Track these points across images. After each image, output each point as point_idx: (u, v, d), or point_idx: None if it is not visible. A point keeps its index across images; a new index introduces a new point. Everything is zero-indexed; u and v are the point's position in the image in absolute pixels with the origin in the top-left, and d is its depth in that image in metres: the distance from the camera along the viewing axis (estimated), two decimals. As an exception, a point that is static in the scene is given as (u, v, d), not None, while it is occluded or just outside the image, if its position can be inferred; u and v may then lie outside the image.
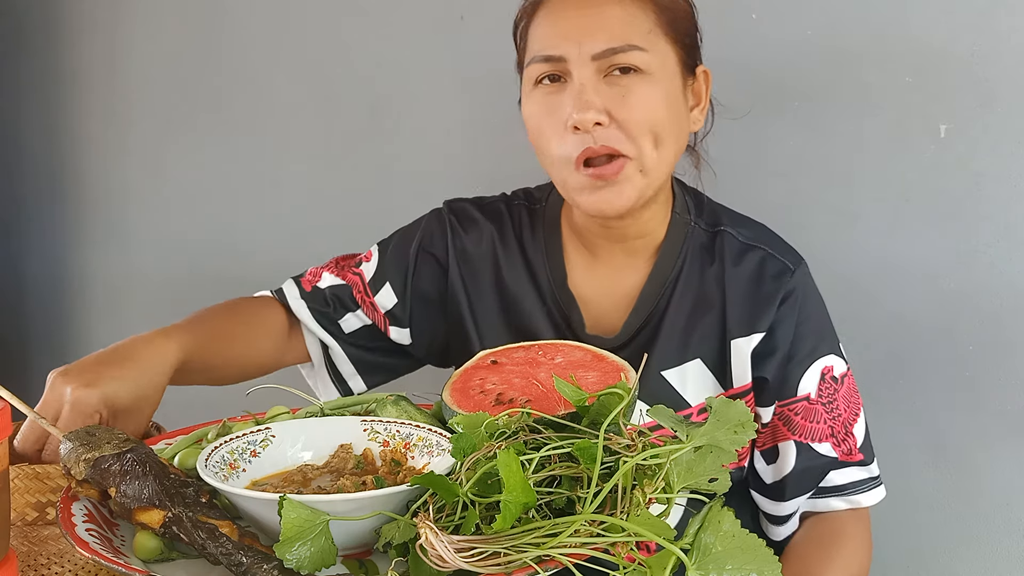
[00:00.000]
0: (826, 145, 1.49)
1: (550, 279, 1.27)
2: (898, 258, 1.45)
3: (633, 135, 1.11)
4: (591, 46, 1.11)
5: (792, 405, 1.20)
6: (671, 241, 1.24)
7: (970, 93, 1.37)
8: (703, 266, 1.23)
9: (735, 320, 1.19)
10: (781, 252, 1.22)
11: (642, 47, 1.11)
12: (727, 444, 0.82)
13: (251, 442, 0.94)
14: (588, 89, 1.11)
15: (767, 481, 1.23)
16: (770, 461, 1.22)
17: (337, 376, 1.38)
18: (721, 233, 1.24)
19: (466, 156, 1.88)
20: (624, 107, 1.11)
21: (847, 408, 1.21)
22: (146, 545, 0.83)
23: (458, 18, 1.84)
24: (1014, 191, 1.36)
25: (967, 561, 1.45)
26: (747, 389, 1.20)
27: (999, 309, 1.38)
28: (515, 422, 0.83)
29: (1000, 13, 1.35)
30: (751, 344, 1.18)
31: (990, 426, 1.41)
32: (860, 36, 1.45)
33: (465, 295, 1.30)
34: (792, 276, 1.20)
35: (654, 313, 1.22)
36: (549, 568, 0.71)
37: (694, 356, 1.20)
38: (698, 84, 1.20)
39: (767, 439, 1.22)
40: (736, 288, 1.20)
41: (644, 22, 1.13)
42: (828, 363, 1.20)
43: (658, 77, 1.13)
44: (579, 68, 1.12)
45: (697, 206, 1.27)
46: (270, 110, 2.17)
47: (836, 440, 1.20)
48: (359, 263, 1.36)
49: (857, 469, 1.21)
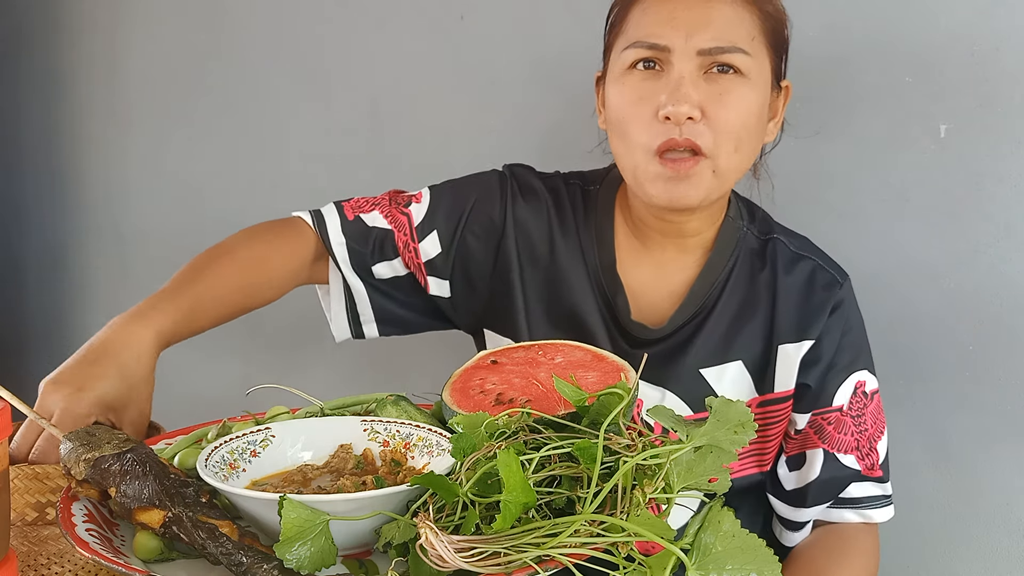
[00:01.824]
0: (826, 145, 1.49)
1: (598, 261, 1.26)
2: (898, 258, 1.45)
3: (719, 135, 1.11)
4: (699, 40, 1.11)
5: (826, 415, 1.21)
6: (723, 242, 1.25)
7: (970, 93, 1.37)
8: (753, 270, 1.24)
9: (785, 326, 1.21)
10: (829, 265, 1.25)
11: (746, 51, 1.12)
12: (727, 444, 0.82)
13: (251, 442, 0.94)
14: (687, 83, 1.11)
15: (788, 488, 1.24)
16: (793, 468, 1.24)
17: (353, 314, 1.34)
18: (773, 240, 1.25)
19: (466, 156, 1.88)
20: (719, 106, 1.11)
21: (874, 424, 1.22)
22: (146, 545, 0.83)
23: (458, 18, 1.84)
24: (1014, 191, 1.36)
25: (967, 561, 1.45)
26: (788, 395, 1.21)
27: (999, 309, 1.38)
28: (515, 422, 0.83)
29: (1000, 13, 1.35)
30: (801, 351, 1.20)
31: (990, 426, 1.41)
32: (860, 36, 1.45)
33: (518, 263, 1.28)
34: (841, 288, 1.23)
35: (701, 310, 1.23)
36: (549, 568, 0.71)
37: (736, 358, 1.21)
38: (779, 98, 1.22)
39: (797, 446, 1.23)
40: (787, 294, 1.22)
41: (751, 27, 1.13)
42: (862, 378, 1.23)
43: (755, 83, 1.13)
44: (682, 60, 1.11)
45: (750, 213, 1.29)
46: (270, 110, 2.17)
47: (860, 454, 1.21)
48: (408, 203, 1.31)
49: (874, 485, 1.23)
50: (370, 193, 1.33)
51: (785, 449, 1.25)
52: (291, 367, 2.19)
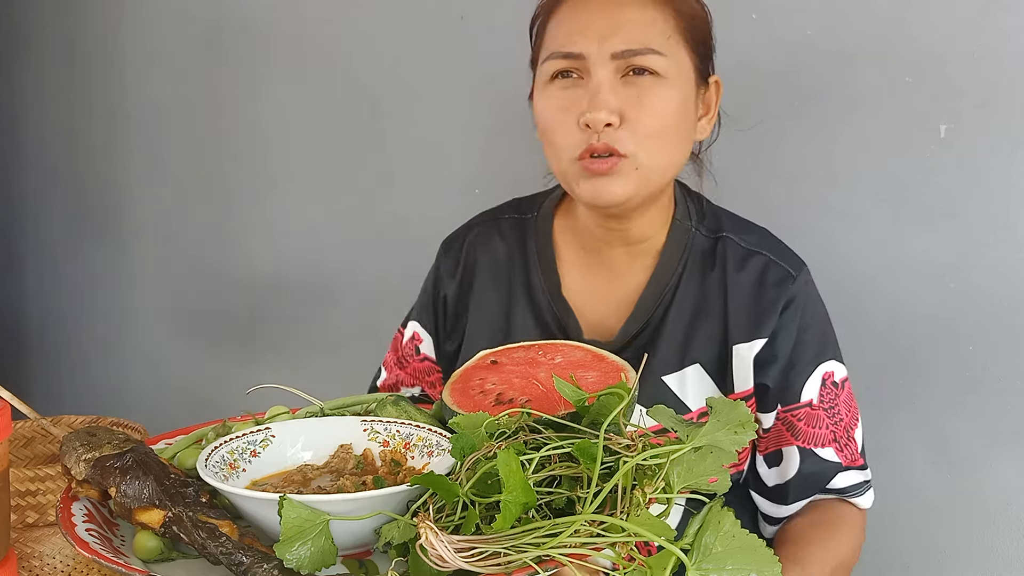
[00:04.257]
0: (826, 145, 1.49)
1: (545, 290, 1.27)
2: (898, 258, 1.45)
3: (640, 138, 1.12)
4: (611, 45, 1.12)
5: (795, 411, 1.20)
6: (672, 246, 1.24)
7: (970, 93, 1.37)
8: (704, 272, 1.23)
9: (737, 326, 1.20)
10: (783, 258, 1.23)
11: (661, 51, 1.12)
12: (727, 444, 0.82)
13: (251, 442, 0.94)
14: (605, 88, 1.12)
15: (769, 484, 1.23)
16: (772, 465, 1.23)
17: None
18: (723, 239, 1.24)
19: (466, 156, 1.88)
20: (638, 109, 1.12)
21: (848, 413, 1.21)
22: (146, 545, 0.83)
23: (458, 18, 1.84)
24: (1014, 191, 1.36)
25: (967, 561, 1.45)
26: (748, 394, 1.20)
27: (999, 309, 1.38)
28: (515, 422, 0.83)
29: (1000, 13, 1.35)
30: (753, 350, 1.19)
31: (990, 426, 1.41)
32: (860, 36, 1.45)
33: (465, 325, 1.32)
34: (794, 283, 1.21)
35: (653, 318, 1.22)
36: (549, 568, 0.71)
37: (693, 361, 1.21)
38: (709, 94, 1.22)
39: (769, 443, 1.23)
40: (738, 294, 1.21)
41: (664, 27, 1.13)
42: (829, 368, 1.21)
43: (674, 83, 1.14)
44: (598, 67, 1.12)
45: (699, 211, 1.27)
46: (270, 110, 2.17)
47: (839, 445, 1.20)
48: (416, 350, 1.37)
49: (857, 473, 1.22)
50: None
51: (758, 448, 1.25)
52: (291, 367, 2.19)
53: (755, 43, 1.52)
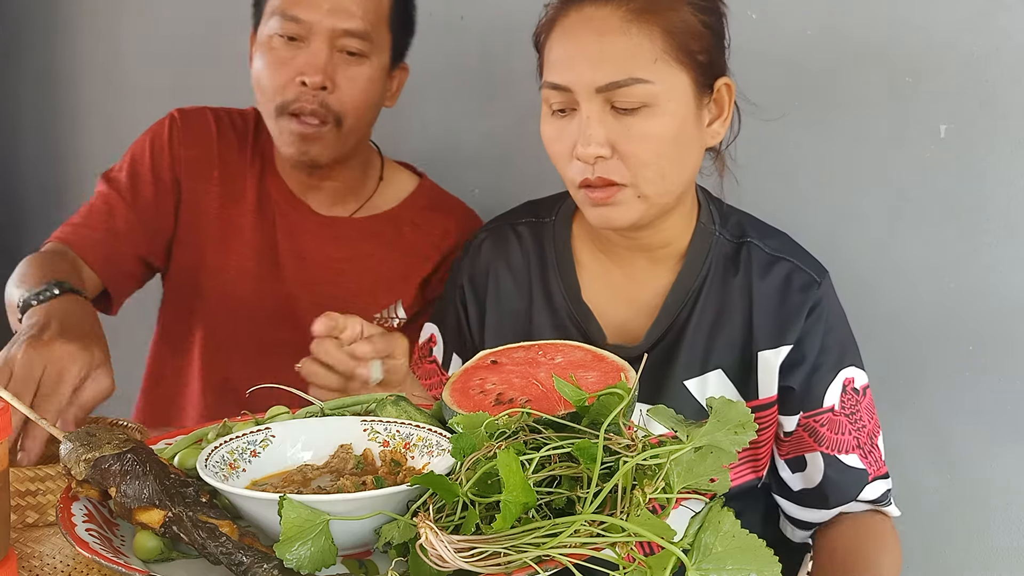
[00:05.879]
0: (826, 145, 1.49)
1: (564, 295, 1.27)
2: (898, 258, 1.45)
3: (634, 168, 1.11)
4: (594, 78, 1.10)
5: (817, 416, 1.21)
6: (695, 251, 1.24)
7: (970, 93, 1.37)
8: (727, 277, 1.23)
9: (762, 332, 1.20)
10: (807, 264, 1.23)
11: (647, 79, 1.10)
12: (727, 444, 0.82)
13: (251, 442, 0.94)
14: (593, 122, 1.11)
15: (795, 489, 1.23)
16: (796, 470, 1.23)
17: None
18: (747, 244, 1.24)
19: (466, 156, 1.88)
20: (628, 141, 1.11)
21: (871, 420, 1.22)
22: (146, 545, 0.82)
23: (458, 18, 1.84)
24: (1014, 191, 1.36)
25: (968, 561, 1.45)
26: (772, 401, 1.21)
27: (999, 309, 1.38)
28: (515, 422, 0.83)
29: (1000, 13, 1.35)
30: (779, 356, 1.19)
31: (991, 426, 1.41)
32: (860, 36, 1.45)
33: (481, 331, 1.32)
34: (818, 288, 1.22)
35: (676, 322, 1.22)
36: (549, 568, 0.71)
37: (715, 366, 1.21)
38: (719, 97, 1.18)
39: (791, 449, 1.23)
40: (763, 300, 1.21)
41: (651, 51, 1.11)
42: (850, 375, 1.22)
43: (665, 108, 1.12)
44: (585, 101, 1.11)
45: (721, 216, 1.27)
46: (270, 110, 2.16)
47: (863, 452, 1.21)
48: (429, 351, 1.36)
49: (883, 482, 1.23)
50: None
51: (779, 452, 1.25)
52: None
53: (754, 42, 1.52)
